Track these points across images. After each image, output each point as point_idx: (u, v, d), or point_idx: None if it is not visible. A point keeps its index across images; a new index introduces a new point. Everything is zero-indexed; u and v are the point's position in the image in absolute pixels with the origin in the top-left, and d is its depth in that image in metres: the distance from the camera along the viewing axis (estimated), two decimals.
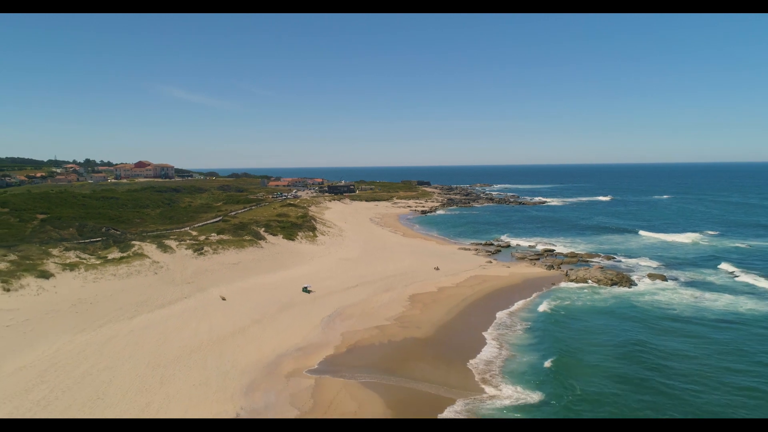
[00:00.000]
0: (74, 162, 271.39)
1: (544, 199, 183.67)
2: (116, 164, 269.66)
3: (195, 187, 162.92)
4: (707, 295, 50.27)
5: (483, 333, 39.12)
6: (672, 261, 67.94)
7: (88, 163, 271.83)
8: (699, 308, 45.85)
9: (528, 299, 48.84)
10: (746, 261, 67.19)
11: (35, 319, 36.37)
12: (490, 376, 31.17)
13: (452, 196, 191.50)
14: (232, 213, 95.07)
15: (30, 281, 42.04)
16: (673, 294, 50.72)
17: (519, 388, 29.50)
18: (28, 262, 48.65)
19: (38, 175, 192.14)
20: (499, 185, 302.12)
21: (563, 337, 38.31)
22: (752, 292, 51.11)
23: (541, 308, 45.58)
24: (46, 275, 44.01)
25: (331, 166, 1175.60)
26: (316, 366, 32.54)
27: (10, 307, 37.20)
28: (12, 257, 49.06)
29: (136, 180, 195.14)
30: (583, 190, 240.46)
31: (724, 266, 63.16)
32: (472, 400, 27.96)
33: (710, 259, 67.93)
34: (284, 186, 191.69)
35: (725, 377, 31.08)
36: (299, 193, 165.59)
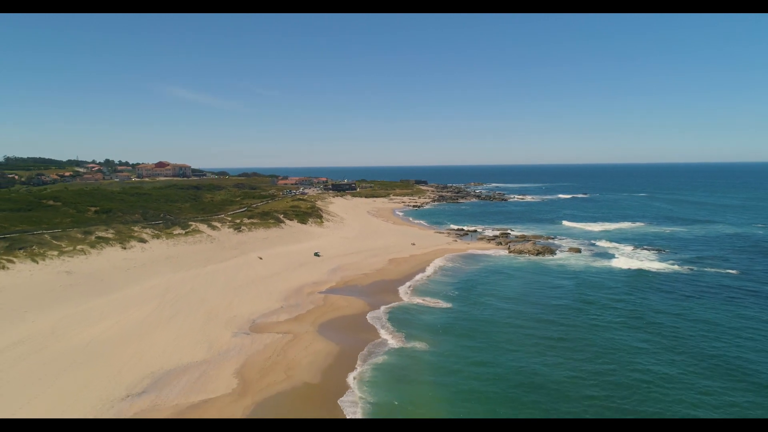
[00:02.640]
0: (93, 162, 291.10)
1: (525, 196, 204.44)
2: (133, 164, 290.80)
3: (213, 185, 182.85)
4: (601, 260, 70.91)
5: (428, 276, 60.31)
6: (596, 240, 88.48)
7: (108, 163, 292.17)
8: (587, 266, 66.68)
9: (468, 261, 69.84)
10: (654, 241, 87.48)
11: (147, 265, 57.74)
12: (420, 294, 52.30)
13: (443, 194, 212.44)
14: (254, 205, 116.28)
15: (135, 244, 63.43)
16: (576, 260, 71.50)
17: (432, 299, 50.53)
18: (123, 234, 70.00)
19: (67, 174, 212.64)
20: (492, 184, 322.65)
21: (478, 280, 59.27)
22: (633, 258, 71.77)
23: (474, 266, 66.62)
24: (144, 240, 65.41)
25: (335, 165, 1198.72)
26: (324, 290, 53.57)
27: (130, 258, 58.59)
28: (111, 231, 70.46)
29: (157, 179, 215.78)
30: (567, 189, 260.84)
31: (630, 244, 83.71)
32: (404, 302, 49.17)
33: (626, 240, 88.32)
34: (292, 184, 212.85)
35: (573, 303, 51.48)
36: (306, 191, 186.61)
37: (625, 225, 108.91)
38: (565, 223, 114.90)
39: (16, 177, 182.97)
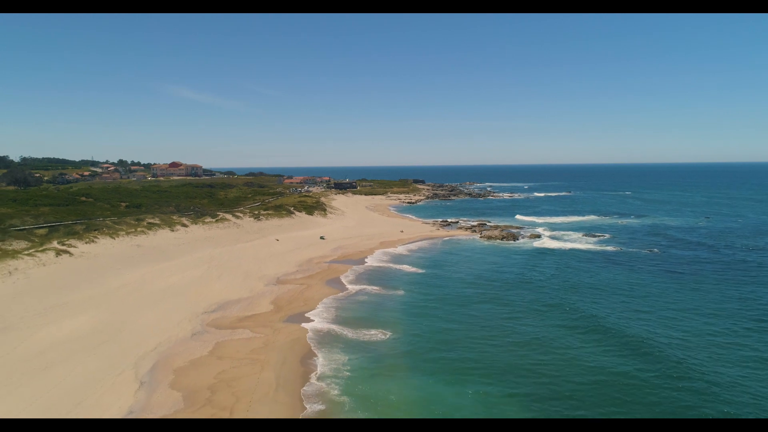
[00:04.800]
0: (107, 161, 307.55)
1: (513, 194, 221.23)
2: (144, 164, 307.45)
3: (225, 183, 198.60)
4: (550, 243, 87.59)
5: (407, 251, 77.24)
6: (556, 230, 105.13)
7: (122, 163, 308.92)
8: (536, 247, 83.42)
9: (444, 243, 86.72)
10: (606, 230, 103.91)
11: (192, 242, 74.81)
12: (401, 263, 69.22)
13: (437, 192, 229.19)
14: (267, 200, 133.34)
15: (179, 227, 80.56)
16: (530, 244, 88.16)
17: (409, 267, 67.43)
18: (167, 220, 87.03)
19: (86, 173, 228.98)
20: (486, 183, 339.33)
21: (448, 256, 76.13)
22: (576, 242, 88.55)
23: (447, 247, 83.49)
24: (185, 225, 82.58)
25: (338, 165, 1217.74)
26: (328, 261, 70.48)
27: (178, 237, 75.71)
28: (157, 218, 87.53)
29: (171, 178, 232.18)
30: (556, 187, 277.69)
31: (583, 232, 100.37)
32: (389, 268, 66.06)
33: (581, 229, 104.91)
34: (297, 183, 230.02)
35: (511, 271, 68.16)
36: (310, 189, 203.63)
37: (588, 218, 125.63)
38: (537, 215, 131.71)
39: (40, 176, 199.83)
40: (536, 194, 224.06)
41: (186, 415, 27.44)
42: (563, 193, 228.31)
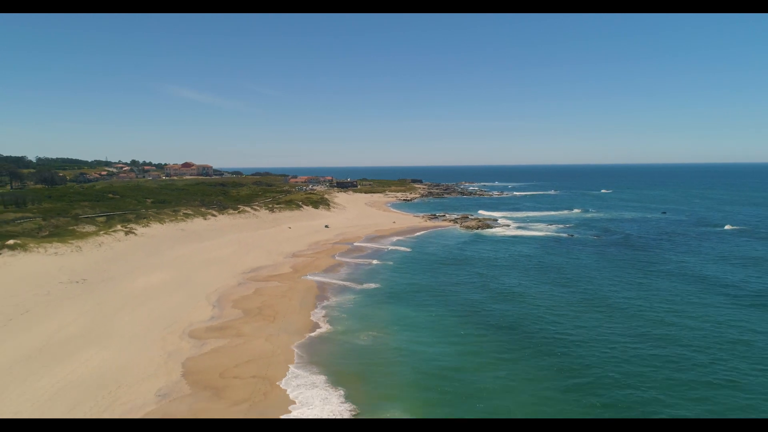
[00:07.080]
0: (119, 162, 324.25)
1: (503, 193, 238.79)
2: (156, 164, 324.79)
3: (235, 182, 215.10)
4: (515, 231, 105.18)
5: (397, 237, 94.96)
6: (527, 221, 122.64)
7: (135, 163, 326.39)
8: (503, 234, 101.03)
9: (429, 231, 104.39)
10: (569, 221, 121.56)
11: (221, 228, 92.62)
12: (392, 244, 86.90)
13: (432, 190, 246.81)
14: (277, 197, 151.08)
15: (210, 217, 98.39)
16: (500, 231, 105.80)
17: (398, 246, 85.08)
18: (198, 212, 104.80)
19: (103, 173, 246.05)
20: (481, 183, 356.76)
21: (430, 240, 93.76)
22: (538, 230, 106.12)
23: (431, 234, 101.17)
24: (214, 215, 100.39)
25: (339, 165, 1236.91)
26: (332, 243, 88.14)
27: (210, 224, 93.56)
28: (190, 210, 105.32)
29: (183, 177, 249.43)
30: (543, 186, 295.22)
31: (548, 222, 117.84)
32: (383, 248, 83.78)
33: (547, 221, 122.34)
34: (302, 182, 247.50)
35: (475, 249, 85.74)
36: (314, 187, 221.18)
37: (559, 212, 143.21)
38: (515, 210, 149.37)
39: (63, 176, 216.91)
40: (524, 193, 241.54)
41: (246, 319, 45.07)
42: (550, 192, 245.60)
